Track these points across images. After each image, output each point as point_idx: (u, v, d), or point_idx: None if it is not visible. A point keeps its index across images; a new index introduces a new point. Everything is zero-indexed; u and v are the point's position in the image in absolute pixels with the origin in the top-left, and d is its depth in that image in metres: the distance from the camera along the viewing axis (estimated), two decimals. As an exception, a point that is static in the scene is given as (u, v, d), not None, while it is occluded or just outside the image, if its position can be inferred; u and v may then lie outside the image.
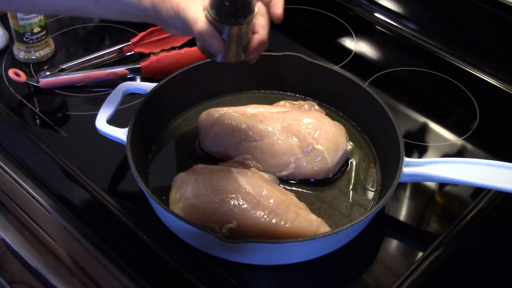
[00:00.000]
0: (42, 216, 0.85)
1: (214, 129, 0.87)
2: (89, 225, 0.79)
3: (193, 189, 0.77)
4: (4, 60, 1.07)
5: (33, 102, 0.99)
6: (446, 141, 0.96)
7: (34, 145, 0.90)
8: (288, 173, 0.85)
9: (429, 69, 1.10)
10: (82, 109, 0.98)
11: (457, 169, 0.78)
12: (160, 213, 0.78)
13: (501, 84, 1.08)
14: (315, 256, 0.76)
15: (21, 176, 0.86)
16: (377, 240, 0.80)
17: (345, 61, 1.12)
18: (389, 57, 1.17)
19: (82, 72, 1.02)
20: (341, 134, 0.87)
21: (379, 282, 0.76)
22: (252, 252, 0.73)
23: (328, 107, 0.98)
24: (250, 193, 0.76)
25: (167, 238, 0.77)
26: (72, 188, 0.84)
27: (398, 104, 1.03)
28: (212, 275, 0.74)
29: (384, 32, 1.19)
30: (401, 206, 0.85)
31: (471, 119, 1.00)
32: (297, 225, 0.74)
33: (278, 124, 0.86)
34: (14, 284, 1.09)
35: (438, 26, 1.16)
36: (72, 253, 0.86)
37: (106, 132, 0.83)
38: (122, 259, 0.75)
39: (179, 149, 0.90)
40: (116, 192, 0.84)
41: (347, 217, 0.81)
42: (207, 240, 0.73)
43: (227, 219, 0.74)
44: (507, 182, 0.76)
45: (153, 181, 0.85)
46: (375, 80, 1.07)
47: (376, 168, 0.88)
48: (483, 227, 0.83)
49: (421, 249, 0.79)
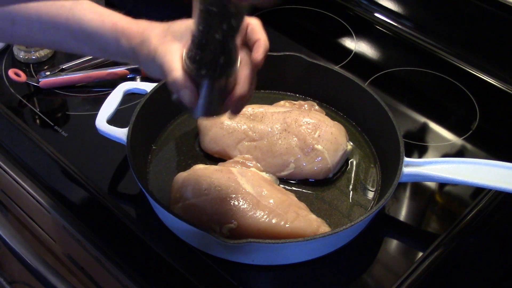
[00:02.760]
0: (42, 216, 0.85)
1: (214, 129, 0.87)
2: (89, 225, 0.79)
3: (193, 189, 0.77)
4: (4, 60, 1.07)
5: (33, 102, 0.99)
6: (446, 141, 0.96)
7: (34, 145, 0.90)
8: (288, 173, 0.85)
9: (429, 69, 1.10)
10: (82, 109, 0.98)
11: (457, 169, 0.78)
12: (160, 213, 0.78)
13: (501, 84, 1.07)
14: (315, 256, 0.76)
15: (21, 176, 0.86)
16: (377, 240, 0.80)
17: (345, 61, 1.12)
18: (389, 57, 1.17)
19: (82, 72, 1.02)
20: (341, 134, 0.87)
21: (379, 282, 0.76)
22: (252, 252, 0.73)
23: (328, 107, 0.98)
24: (250, 193, 0.76)
25: (167, 238, 0.77)
26: (72, 188, 0.84)
27: (398, 104, 1.03)
28: (212, 275, 0.74)
29: (384, 32, 1.19)
30: (401, 206, 0.85)
31: (471, 119, 1.00)
32: (297, 225, 0.74)
33: (278, 124, 0.86)
34: (14, 284, 1.09)
35: (438, 26, 1.16)
36: (72, 253, 0.86)
37: (106, 132, 0.83)
38: (122, 259, 0.75)
39: (179, 149, 0.90)
40: (116, 192, 0.84)
41: (347, 217, 0.81)
42: (207, 240, 0.73)
43: (227, 219, 0.74)
44: (507, 182, 0.76)
45: (153, 181, 0.85)
46: (375, 80, 1.07)
47: (376, 168, 0.88)
48: (483, 227, 0.83)
49: (421, 249, 0.79)
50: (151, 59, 0.62)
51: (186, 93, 0.60)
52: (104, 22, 0.66)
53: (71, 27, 0.67)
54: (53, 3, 0.67)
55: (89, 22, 0.66)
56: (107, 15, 0.66)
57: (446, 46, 1.14)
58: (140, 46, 0.63)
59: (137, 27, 0.64)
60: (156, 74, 0.64)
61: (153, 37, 0.62)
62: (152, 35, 0.62)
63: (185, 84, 0.59)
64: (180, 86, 0.59)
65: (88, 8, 0.67)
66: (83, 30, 0.66)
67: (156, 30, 0.63)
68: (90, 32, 0.66)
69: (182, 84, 0.59)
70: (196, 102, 0.61)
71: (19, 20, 0.67)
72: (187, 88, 0.60)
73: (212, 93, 0.60)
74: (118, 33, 0.65)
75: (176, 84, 0.60)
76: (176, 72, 0.59)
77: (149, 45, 0.62)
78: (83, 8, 0.67)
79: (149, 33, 0.63)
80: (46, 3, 0.67)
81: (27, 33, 0.69)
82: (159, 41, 0.62)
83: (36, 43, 0.74)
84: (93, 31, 0.66)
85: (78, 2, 0.67)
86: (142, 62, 0.65)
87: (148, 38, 0.62)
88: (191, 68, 0.59)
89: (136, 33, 0.64)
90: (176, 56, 0.60)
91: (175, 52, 0.60)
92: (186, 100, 0.60)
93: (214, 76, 0.59)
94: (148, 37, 0.62)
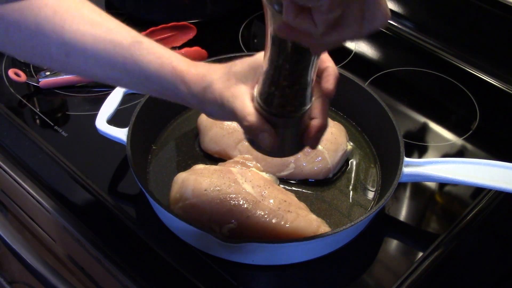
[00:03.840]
0: (42, 216, 0.85)
1: (214, 129, 0.87)
2: (89, 225, 0.79)
3: (193, 189, 0.77)
4: (4, 60, 1.07)
5: (33, 102, 0.99)
6: (446, 141, 0.96)
7: (34, 145, 0.90)
8: (288, 173, 0.85)
9: (429, 69, 1.10)
10: (82, 109, 0.98)
11: (457, 169, 0.78)
12: (160, 213, 0.78)
13: (501, 84, 1.07)
14: (315, 256, 0.76)
15: (21, 176, 0.86)
16: (377, 240, 0.80)
17: (345, 61, 1.12)
18: (389, 57, 1.16)
19: (82, 72, 1.02)
20: (341, 134, 0.87)
21: (379, 282, 0.76)
22: (252, 252, 0.73)
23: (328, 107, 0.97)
24: (250, 193, 0.76)
25: (167, 238, 0.77)
26: (72, 188, 0.84)
27: (398, 104, 1.03)
28: (212, 275, 0.74)
29: (384, 32, 1.19)
30: (401, 206, 0.85)
31: (471, 119, 1.00)
32: (297, 225, 0.74)
33: (278, 124, 0.86)
34: (14, 284, 1.09)
35: (438, 26, 1.16)
36: (72, 253, 0.86)
37: (106, 132, 0.83)
38: (122, 259, 0.75)
39: (179, 149, 0.90)
40: (116, 192, 0.84)
41: (347, 217, 0.81)
42: (207, 240, 0.73)
43: (227, 219, 0.74)
44: (507, 182, 0.76)
45: (153, 181, 0.85)
46: (375, 80, 1.07)
47: (376, 168, 0.88)
48: (483, 227, 0.83)
49: (421, 249, 0.79)
50: (219, 105, 0.59)
51: (265, 137, 0.57)
52: (163, 65, 0.61)
53: (128, 67, 0.62)
54: (111, 39, 0.62)
55: (148, 64, 0.61)
56: (166, 57, 0.62)
57: (446, 46, 1.14)
58: (202, 93, 0.60)
59: (196, 72, 0.61)
60: (226, 119, 0.62)
61: (216, 82, 0.59)
62: (215, 80, 0.59)
63: (263, 127, 0.57)
64: (258, 130, 0.57)
65: (147, 49, 0.62)
66: (141, 72, 0.62)
67: (218, 73, 0.60)
68: (148, 75, 0.62)
69: (260, 128, 0.57)
70: (275, 144, 0.58)
71: (73, 53, 0.62)
72: (265, 132, 0.57)
73: (290, 132, 0.59)
74: (177, 79, 0.61)
75: (254, 128, 0.57)
76: (251, 116, 0.57)
77: (214, 91, 0.59)
78: (141, 47, 0.62)
79: (211, 78, 0.60)
80: (104, 38, 0.61)
81: (82, 67, 0.64)
82: (223, 85, 0.59)
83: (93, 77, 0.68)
84: (151, 74, 0.61)
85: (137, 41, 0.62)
86: (207, 109, 0.62)
87: (211, 84, 0.59)
88: (266, 109, 0.56)
89: (196, 79, 0.60)
90: (247, 99, 0.57)
91: (245, 95, 0.58)
92: (266, 143, 0.58)
93: (291, 114, 0.57)
94: (210, 83, 0.59)
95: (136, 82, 0.64)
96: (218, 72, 0.60)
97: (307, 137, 0.60)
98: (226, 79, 0.59)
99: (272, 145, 0.58)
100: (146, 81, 0.63)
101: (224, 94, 0.58)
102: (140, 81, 0.63)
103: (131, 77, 0.63)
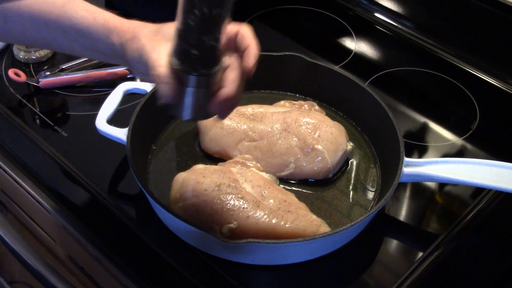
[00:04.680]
0: (42, 216, 0.85)
1: (214, 129, 0.87)
2: (89, 225, 0.79)
3: (193, 189, 0.77)
4: (4, 60, 1.07)
5: (33, 102, 0.99)
6: (446, 141, 0.96)
7: (34, 145, 0.90)
8: (288, 173, 0.85)
9: (429, 69, 1.10)
10: (82, 109, 0.98)
11: (457, 169, 0.78)
12: (160, 213, 0.78)
13: (501, 84, 1.07)
14: (315, 256, 0.76)
15: (21, 176, 0.86)
16: (377, 240, 0.80)
17: (345, 61, 1.12)
18: (389, 57, 1.16)
19: (82, 72, 1.02)
20: (341, 134, 0.87)
21: (379, 282, 0.76)
22: (252, 252, 0.73)
23: (328, 107, 0.98)
24: (250, 193, 0.76)
25: (167, 238, 0.77)
26: (72, 188, 0.84)
27: (398, 104, 1.03)
28: (212, 275, 0.74)
29: (384, 32, 1.19)
30: (401, 206, 0.85)
31: (471, 119, 1.00)
32: (297, 225, 0.74)
33: (278, 124, 0.86)
34: (14, 284, 1.09)
35: (438, 26, 1.16)
36: (72, 253, 0.86)
37: (106, 132, 0.83)
38: (122, 259, 0.75)
39: (179, 149, 0.90)
40: (116, 192, 0.84)
41: (347, 217, 0.81)
42: (207, 240, 0.73)
43: (227, 219, 0.74)
44: (507, 182, 0.76)
45: (153, 181, 0.85)
46: (375, 80, 1.07)
47: (376, 168, 0.88)
48: (483, 227, 0.83)
49: (421, 249, 0.79)
50: (138, 55, 0.62)
51: (167, 88, 0.59)
52: (96, 19, 0.66)
53: (62, 24, 0.67)
54: (44, 0, 0.68)
55: (81, 19, 0.67)
56: (98, 12, 0.67)
57: (446, 46, 1.14)
58: (129, 42, 0.63)
59: (129, 25, 0.65)
60: (142, 71, 0.64)
61: (143, 35, 0.63)
62: (143, 33, 0.63)
63: (168, 79, 0.59)
64: (163, 80, 0.59)
65: (80, 6, 0.68)
66: (74, 27, 0.67)
67: (147, 29, 0.64)
68: (81, 29, 0.67)
69: (165, 79, 0.59)
70: (178, 99, 0.60)
71: (11, 17, 0.69)
72: (168, 83, 0.59)
73: (196, 93, 0.60)
74: (109, 30, 0.65)
75: (159, 78, 0.59)
76: (161, 68, 0.59)
77: (138, 42, 0.62)
78: (75, 5, 0.68)
79: (140, 30, 0.63)
80: (38, 0, 0.68)
81: (20, 31, 0.70)
82: (148, 39, 0.62)
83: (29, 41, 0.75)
84: (84, 27, 0.67)
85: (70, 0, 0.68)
86: (129, 59, 0.65)
87: (138, 35, 0.63)
88: (177, 66, 0.59)
89: (128, 29, 0.65)
90: (163, 54, 0.60)
91: (162, 50, 0.60)
92: (166, 95, 0.60)
93: (199, 72, 0.59)
94: (138, 34, 0.63)
95: (70, 39, 0.68)
96: (148, 28, 0.64)
97: (213, 102, 0.62)
98: (153, 35, 0.63)
99: (172, 98, 0.60)
100: (79, 36, 0.67)
101: (146, 46, 0.61)
102: (74, 37, 0.68)
103: (65, 34, 0.68)
